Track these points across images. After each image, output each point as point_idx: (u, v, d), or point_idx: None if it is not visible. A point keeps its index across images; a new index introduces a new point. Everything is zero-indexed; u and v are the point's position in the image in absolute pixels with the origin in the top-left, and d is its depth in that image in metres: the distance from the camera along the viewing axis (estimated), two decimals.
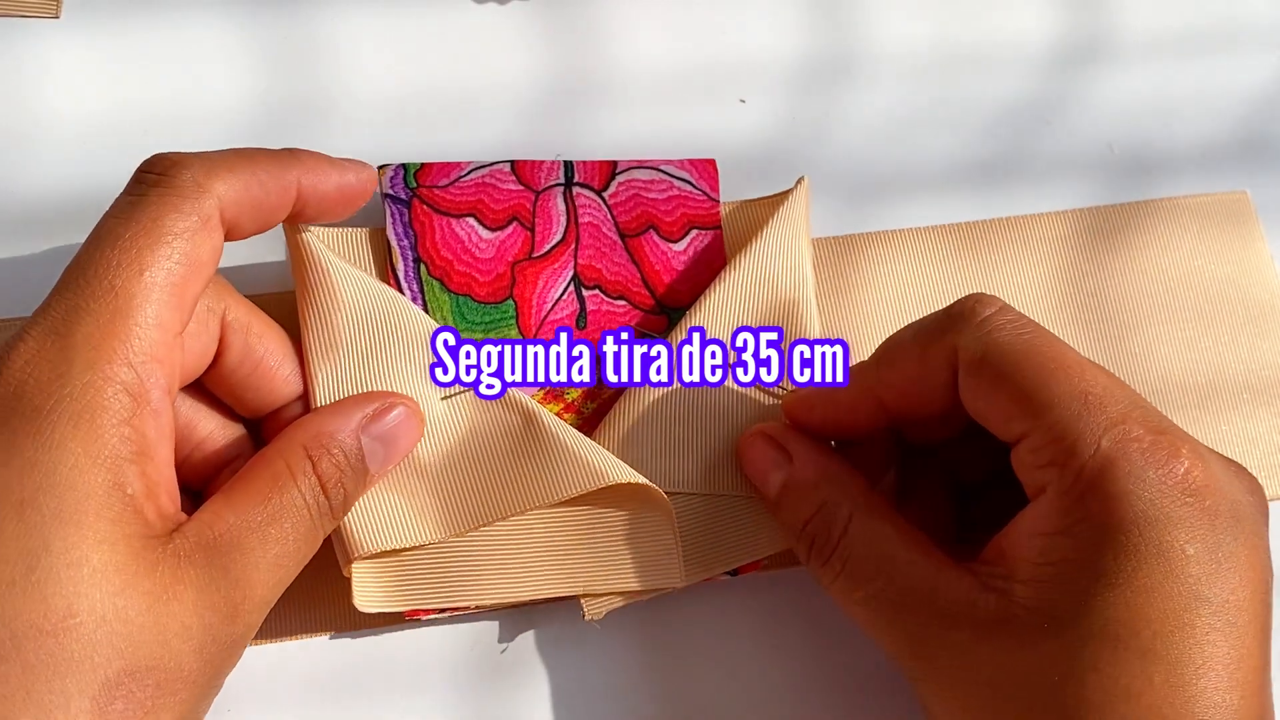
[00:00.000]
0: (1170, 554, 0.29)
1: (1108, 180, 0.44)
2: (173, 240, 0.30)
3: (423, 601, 0.36)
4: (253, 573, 0.30)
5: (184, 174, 0.30)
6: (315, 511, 0.32)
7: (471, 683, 0.37)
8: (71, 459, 0.27)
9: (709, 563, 0.37)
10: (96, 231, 0.30)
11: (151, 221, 0.30)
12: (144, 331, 0.29)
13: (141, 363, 0.29)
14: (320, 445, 0.33)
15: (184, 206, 0.30)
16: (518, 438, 0.36)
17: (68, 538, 0.27)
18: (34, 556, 0.27)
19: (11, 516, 0.27)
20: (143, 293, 0.29)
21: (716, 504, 0.37)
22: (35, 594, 0.26)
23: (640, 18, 0.44)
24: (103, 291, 0.29)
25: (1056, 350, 0.32)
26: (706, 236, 0.40)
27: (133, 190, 0.31)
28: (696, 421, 0.38)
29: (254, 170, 0.32)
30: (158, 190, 0.30)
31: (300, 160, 0.33)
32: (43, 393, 0.28)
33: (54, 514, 0.27)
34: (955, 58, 0.45)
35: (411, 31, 0.43)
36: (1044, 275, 0.42)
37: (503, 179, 0.40)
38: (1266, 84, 0.46)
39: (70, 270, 0.30)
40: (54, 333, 0.28)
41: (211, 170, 0.31)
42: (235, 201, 0.31)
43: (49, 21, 0.42)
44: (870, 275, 0.42)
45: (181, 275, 0.30)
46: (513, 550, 0.36)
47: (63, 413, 0.28)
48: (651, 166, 0.40)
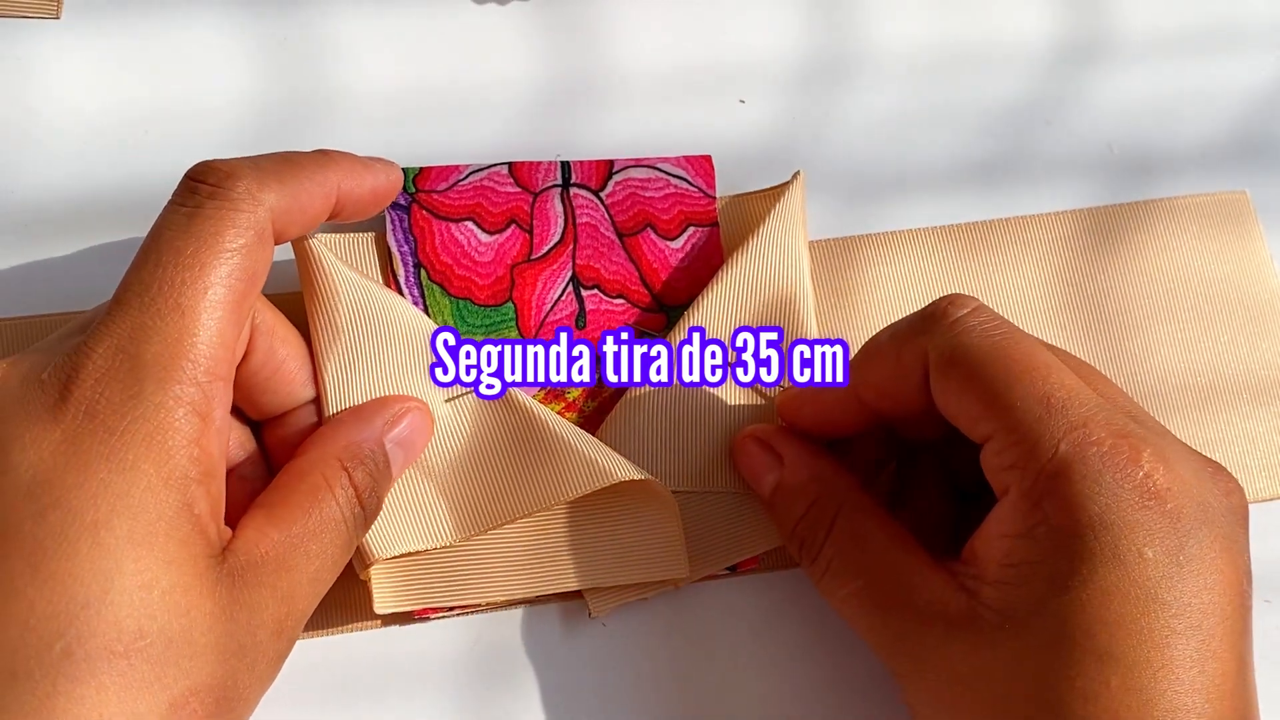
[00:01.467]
0: (1126, 557, 0.29)
1: (1108, 180, 0.44)
2: (232, 256, 0.30)
3: (432, 600, 0.36)
4: (297, 588, 0.30)
5: (238, 186, 0.31)
6: (352, 523, 0.32)
7: (472, 680, 0.37)
8: (145, 480, 0.28)
9: (710, 559, 0.37)
10: (155, 245, 0.30)
11: (211, 237, 0.30)
12: (209, 350, 0.29)
13: (207, 381, 0.29)
14: (354, 456, 0.33)
15: (241, 220, 0.30)
16: (522, 438, 0.36)
17: (140, 559, 0.27)
18: (108, 579, 0.27)
19: (86, 538, 0.27)
20: (207, 311, 0.29)
21: (716, 500, 0.38)
22: (109, 616, 0.27)
23: (640, 18, 0.44)
24: (169, 310, 0.29)
25: (1024, 351, 0.32)
26: (703, 233, 0.40)
27: (185, 200, 0.31)
28: (696, 420, 0.38)
29: (299, 179, 0.32)
30: (214, 204, 0.30)
31: (337, 164, 0.34)
32: (115, 413, 0.28)
33: (127, 536, 0.27)
34: (955, 58, 0.45)
35: (411, 31, 0.43)
36: (1044, 276, 0.42)
37: (500, 181, 0.40)
38: (1266, 84, 0.46)
39: (132, 285, 0.30)
40: (123, 351, 0.29)
41: (263, 181, 0.31)
42: (285, 211, 0.32)
43: (49, 22, 0.42)
44: (869, 277, 0.42)
45: (241, 291, 0.30)
46: (520, 547, 0.36)
47: (135, 434, 0.28)
48: (648, 165, 0.41)
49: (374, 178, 0.34)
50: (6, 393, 0.29)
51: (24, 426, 0.28)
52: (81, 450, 0.28)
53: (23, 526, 0.27)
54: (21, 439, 0.28)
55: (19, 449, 0.28)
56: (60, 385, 0.28)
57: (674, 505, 0.37)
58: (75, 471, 0.27)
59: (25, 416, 0.28)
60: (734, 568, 0.38)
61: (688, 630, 0.38)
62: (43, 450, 0.28)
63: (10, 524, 0.27)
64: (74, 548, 0.27)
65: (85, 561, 0.27)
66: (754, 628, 0.38)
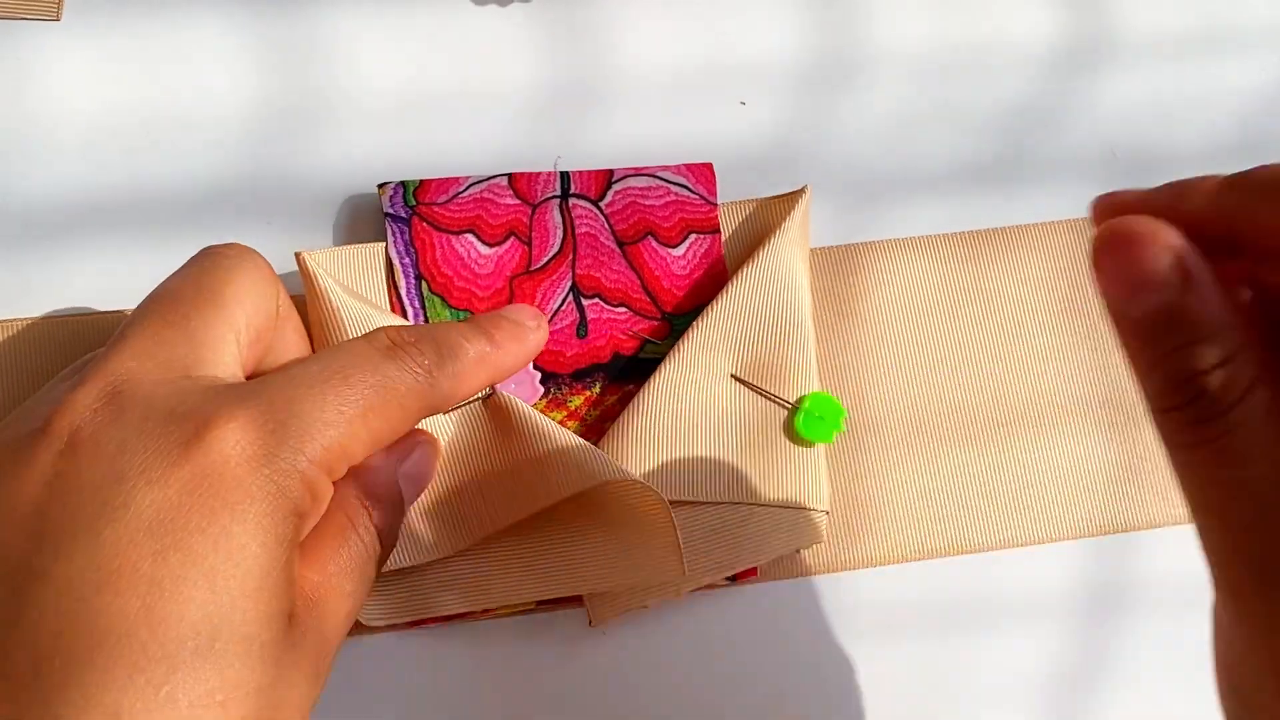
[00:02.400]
0: None
1: (1108, 182, 0.44)
2: (403, 420, 0.31)
3: (427, 611, 0.36)
4: (332, 630, 0.30)
5: (444, 378, 0.32)
6: (374, 559, 0.32)
7: (472, 691, 0.38)
8: (262, 537, 0.28)
9: (710, 568, 0.37)
10: (344, 363, 0.31)
11: (399, 408, 0.31)
12: (343, 452, 0.30)
13: (329, 469, 0.30)
14: (372, 494, 0.33)
15: (428, 400, 0.31)
16: (517, 445, 0.37)
17: (246, 611, 0.27)
18: (217, 627, 0.27)
19: (203, 582, 0.27)
20: (359, 437, 0.30)
21: (718, 511, 0.38)
22: (215, 664, 0.27)
23: (640, 20, 0.44)
24: (329, 403, 0.30)
25: None
26: (705, 241, 0.40)
27: (383, 351, 0.31)
28: (700, 430, 0.38)
29: (478, 376, 0.33)
30: (414, 376, 0.31)
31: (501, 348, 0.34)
32: (248, 468, 0.28)
33: (239, 588, 0.27)
34: (956, 59, 0.45)
35: (411, 33, 0.43)
36: (1047, 284, 0.42)
37: (500, 193, 0.40)
38: (1266, 84, 0.46)
39: (310, 368, 0.30)
40: (273, 417, 0.29)
41: (458, 379, 0.32)
42: (442, 401, 0.32)
43: (50, 23, 0.42)
44: (871, 285, 0.42)
45: (380, 437, 0.31)
46: (515, 555, 0.37)
47: (261, 492, 0.28)
48: (648, 173, 0.40)
49: (529, 353, 0.35)
50: (128, 425, 0.28)
51: (152, 461, 0.28)
52: (208, 495, 0.28)
53: (140, 565, 0.27)
54: (148, 473, 0.28)
55: (145, 484, 0.27)
56: (196, 427, 0.28)
57: (668, 510, 0.36)
58: (200, 516, 0.27)
59: (154, 451, 0.28)
60: (734, 578, 0.38)
61: (687, 640, 0.38)
62: (169, 489, 0.27)
63: (129, 561, 0.27)
64: (191, 592, 0.27)
65: (199, 607, 0.27)
66: (754, 638, 0.38)
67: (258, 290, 0.32)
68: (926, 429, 0.41)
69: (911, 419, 0.41)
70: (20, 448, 0.28)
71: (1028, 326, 0.42)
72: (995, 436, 0.41)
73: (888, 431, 0.41)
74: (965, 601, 0.40)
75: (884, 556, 0.40)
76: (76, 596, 0.26)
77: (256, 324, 0.32)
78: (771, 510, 0.38)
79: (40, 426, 0.29)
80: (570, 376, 0.39)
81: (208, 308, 0.31)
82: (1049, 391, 0.41)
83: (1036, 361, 0.42)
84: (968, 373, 0.41)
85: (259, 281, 0.32)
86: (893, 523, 0.40)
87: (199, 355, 0.30)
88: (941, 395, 0.41)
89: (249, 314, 0.32)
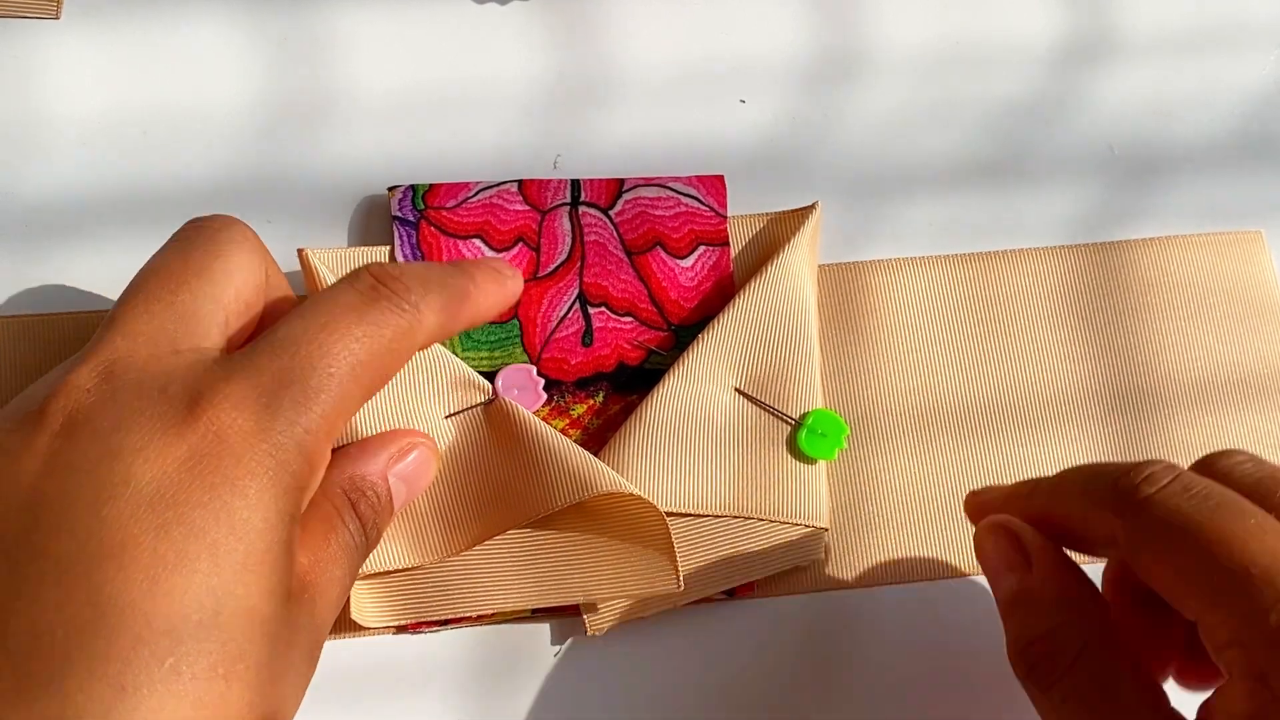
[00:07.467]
0: None
1: (1108, 180, 0.44)
2: (394, 365, 0.31)
3: (422, 614, 0.36)
4: (325, 612, 0.31)
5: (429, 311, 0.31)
6: (359, 550, 0.32)
7: (466, 699, 0.37)
8: (263, 511, 0.28)
9: (710, 581, 0.37)
10: (325, 310, 0.30)
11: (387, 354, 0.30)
12: (337, 416, 0.30)
13: (326, 436, 0.30)
14: (356, 488, 0.33)
15: (414, 337, 0.31)
16: (518, 453, 0.36)
17: (249, 585, 0.27)
18: (220, 601, 0.27)
19: (206, 557, 0.27)
20: (351, 395, 0.30)
21: (717, 524, 0.38)
22: (218, 637, 0.27)
23: (641, 18, 0.44)
24: (318, 363, 0.29)
25: (1216, 526, 0.29)
26: (714, 253, 0.40)
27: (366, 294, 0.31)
28: (702, 443, 0.38)
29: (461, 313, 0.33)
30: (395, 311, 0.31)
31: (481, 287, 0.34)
32: (245, 442, 0.28)
33: (242, 562, 0.27)
34: (956, 58, 0.45)
35: (412, 31, 0.43)
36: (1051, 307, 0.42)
37: (510, 199, 0.40)
38: (1266, 84, 0.46)
39: (294, 328, 0.30)
40: (264, 389, 0.29)
41: (445, 312, 0.32)
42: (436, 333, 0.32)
43: (49, 22, 0.42)
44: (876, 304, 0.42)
45: (372, 386, 0.31)
46: (511, 561, 0.36)
47: (261, 466, 0.28)
48: (658, 183, 0.40)
49: (506, 299, 0.35)
50: (123, 403, 0.28)
51: (149, 438, 0.28)
52: (207, 470, 0.28)
53: (142, 540, 0.27)
54: (145, 450, 0.28)
55: (142, 460, 0.27)
56: (188, 401, 0.28)
57: (664, 520, 0.36)
58: (200, 490, 0.27)
59: (150, 427, 0.28)
60: (732, 592, 0.38)
61: (684, 652, 0.38)
62: (167, 465, 0.27)
63: (131, 536, 0.27)
64: (194, 565, 0.27)
65: (203, 580, 0.27)
66: (750, 651, 0.38)
67: (245, 260, 0.32)
68: (929, 447, 0.41)
69: (914, 437, 0.41)
70: (16, 430, 0.28)
71: (1032, 347, 0.42)
72: (1000, 455, 0.41)
73: (890, 449, 0.40)
74: (965, 620, 0.40)
75: (884, 576, 0.39)
76: (78, 572, 0.26)
77: (245, 295, 0.32)
78: (771, 525, 0.38)
79: (37, 409, 0.28)
80: (574, 384, 0.39)
81: (196, 281, 0.31)
82: (1055, 413, 0.41)
83: (1041, 383, 0.41)
84: (971, 392, 0.41)
85: (246, 251, 0.32)
86: (893, 541, 0.40)
87: (189, 329, 0.30)
88: (945, 415, 0.41)
89: (237, 285, 0.32)
